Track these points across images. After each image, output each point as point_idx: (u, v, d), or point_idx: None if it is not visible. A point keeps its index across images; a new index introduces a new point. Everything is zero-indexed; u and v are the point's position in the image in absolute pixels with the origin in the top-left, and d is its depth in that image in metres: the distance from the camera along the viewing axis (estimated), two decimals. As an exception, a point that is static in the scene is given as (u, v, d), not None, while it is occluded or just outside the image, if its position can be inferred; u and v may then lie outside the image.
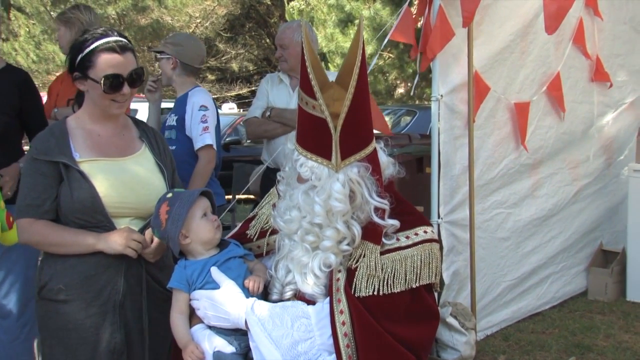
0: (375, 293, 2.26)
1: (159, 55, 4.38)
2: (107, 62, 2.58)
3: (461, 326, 4.33)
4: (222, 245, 2.56)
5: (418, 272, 2.31)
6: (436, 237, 2.46)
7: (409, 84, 15.61)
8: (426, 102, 13.48)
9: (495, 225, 4.86)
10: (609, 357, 4.56)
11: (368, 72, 2.32)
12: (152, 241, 2.64)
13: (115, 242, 2.57)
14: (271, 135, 4.64)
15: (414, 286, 2.30)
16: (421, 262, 2.32)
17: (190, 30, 20.54)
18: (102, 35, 2.61)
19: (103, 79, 2.57)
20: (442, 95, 4.31)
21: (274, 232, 2.55)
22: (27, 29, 18.68)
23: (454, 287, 4.52)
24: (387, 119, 11.20)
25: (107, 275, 2.63)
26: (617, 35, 5.70)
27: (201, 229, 2.50)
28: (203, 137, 4.04)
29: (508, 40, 4.71)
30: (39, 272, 2.74)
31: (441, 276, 4.22)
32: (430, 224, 2.46)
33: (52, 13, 17.83)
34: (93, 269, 2.62)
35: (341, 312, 2.25)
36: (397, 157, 2.48)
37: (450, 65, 4.37)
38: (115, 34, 2.66)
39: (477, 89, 4.43)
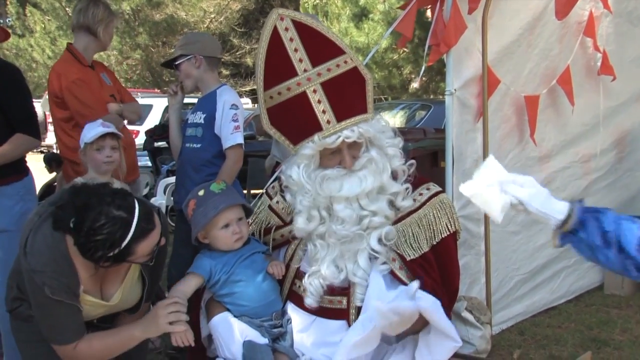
0: (409, 258, 2.37)
1: (177, 62, 4.24)
2: (148, 245, 2.33)
3: (476, 320, 4.33)
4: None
5: (435, 227, 2.42)
6: (440, 188, 2.54)
7: (424, 79, 15.58)
8: (441, 96, 13.44)
9: (507, 219, 4.83)
10: (625, 351, 4.54)
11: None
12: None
13: (153, 327, 2.43)
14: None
15: (436, 241, 2.41)
16: (434, 217, 2.42)
17: (205, 26, 20.60)
18: (126, 223, 2.26)
19: (152, 257, 2.40)
20: (455, 90, 4.31)
21: (279, 228, 2.59)
22: (43, 25, 18.80)
23: (465, 281, 4.51)
24: (401, 113, 11.18)
25: None
26: (615, 28, 5.63)
27: (219, 238, 2.53)
28: (234, 136, 4.00)
29: (517, 34, 4.69)
30: (8, 290, 2.66)
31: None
32: (429, 180, 2.54)
33: (67, 9, 17.92)
34: None
35: None
36: (411, 152, 2.52)
37: (463, 59, 4.36)
38: (133, 207, 2.30)
39: (488, 82, 4.42)
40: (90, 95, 4.12)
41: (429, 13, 4.62)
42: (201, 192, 2.55)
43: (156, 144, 9.06)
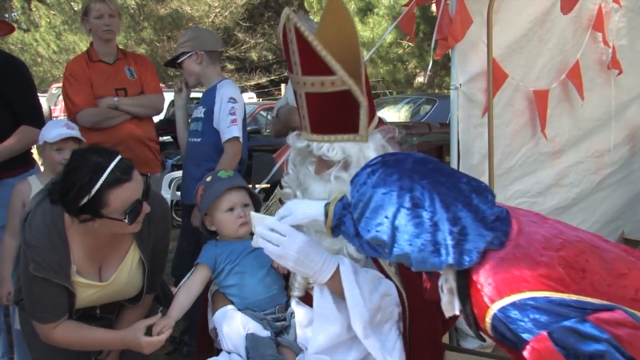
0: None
1: (179, 60, 4.28)
2: (122, 196, 2.28)
3: (482, 315, 4.32)
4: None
5: None
6: None
7: (428, 73, 15.55)
8: (446, 91, 13.41)
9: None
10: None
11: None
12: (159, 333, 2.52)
13: (136, 342, 2.49)
14: (280, 134, 4.65)
15: None
16: None
17: (210, 20, 20.57)
18: (100, 167, 2.25)
19: (127, 215, 2.31)
20: (461, 84, 4.29)
21: None
22: (48, 20, 18.79)
23: (474, 276, 4.50)
24: (406, 107, 11.17)
25: None
26: (627, 22, 5.61)
27: (223, 222, 2.55)
28: (231, 130, 4.02)
29: (526, 28, 4.66)
30: (17, 281, 2.66)
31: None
32: None
33: (72, 3, 17.91)
34: None
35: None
36: (416, 146, 2.51)
37: (469, 54, 4.34)
38: (114, 157, 2.29)
39: (495, 77, 4.39)
40: (78, 91, 4.16)
41: (434, 7, 4.61)
42: (209, 179, 2.61)
43: (161, 139, 9.07)
